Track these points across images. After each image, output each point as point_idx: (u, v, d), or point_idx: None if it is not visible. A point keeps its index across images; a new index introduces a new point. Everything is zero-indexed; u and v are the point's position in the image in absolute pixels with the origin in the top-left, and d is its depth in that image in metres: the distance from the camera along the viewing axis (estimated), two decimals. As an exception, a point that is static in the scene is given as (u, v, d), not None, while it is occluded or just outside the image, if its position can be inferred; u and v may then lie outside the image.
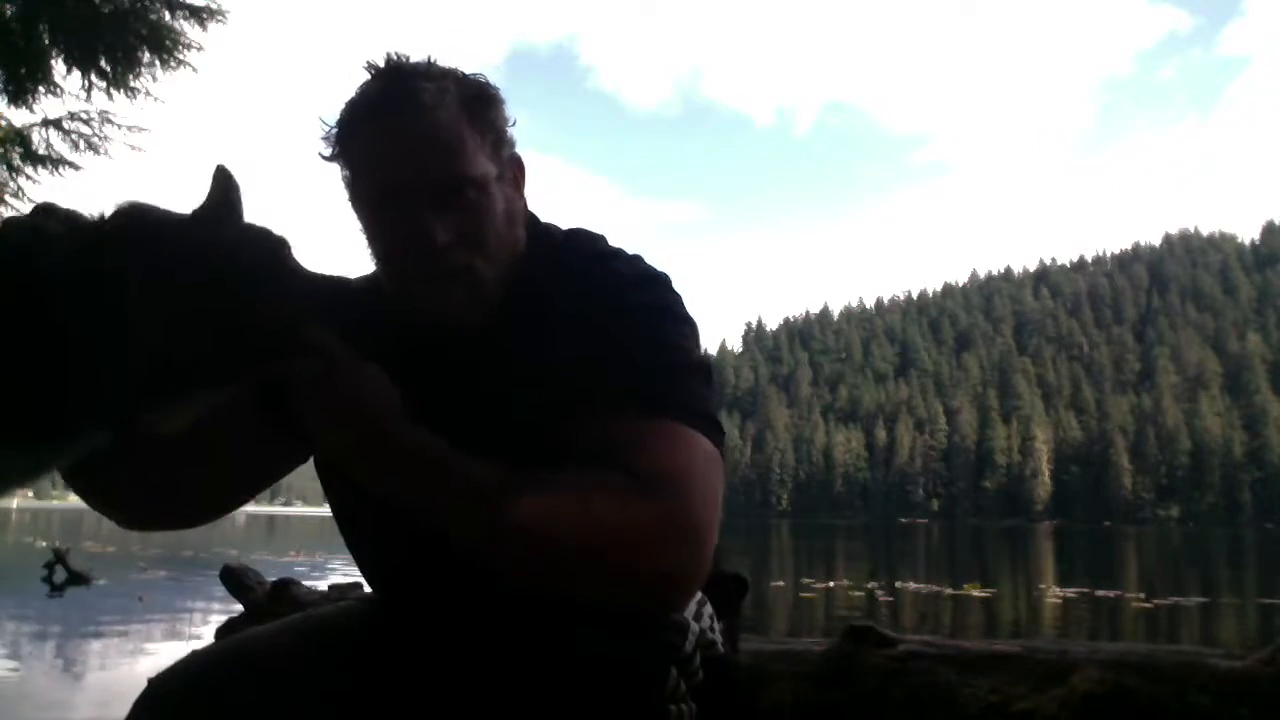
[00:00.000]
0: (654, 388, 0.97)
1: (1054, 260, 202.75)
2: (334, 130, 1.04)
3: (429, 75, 1.01)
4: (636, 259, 1.11)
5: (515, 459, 0.99)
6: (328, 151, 1.04)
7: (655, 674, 0.93)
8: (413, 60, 1.04)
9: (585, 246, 1.12)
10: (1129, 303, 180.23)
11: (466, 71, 1.06)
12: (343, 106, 1.04)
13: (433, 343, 1.07)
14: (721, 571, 1.11)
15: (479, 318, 1.04)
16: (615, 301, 1.03)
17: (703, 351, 1.06)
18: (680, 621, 0.98)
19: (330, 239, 1.11)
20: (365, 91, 1.03)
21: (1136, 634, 9.09)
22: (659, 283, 1.08)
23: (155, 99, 7.46)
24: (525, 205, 1.12)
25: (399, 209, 1.00)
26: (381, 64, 1.03)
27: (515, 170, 1.10)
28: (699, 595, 1.03)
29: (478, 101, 1.04)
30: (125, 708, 1.00)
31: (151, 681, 1.04)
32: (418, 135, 0.99)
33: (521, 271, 1.07)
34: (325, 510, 1.16)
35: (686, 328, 1.06)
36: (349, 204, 1.07)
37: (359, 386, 0.92)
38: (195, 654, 1.09)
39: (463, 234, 1.00)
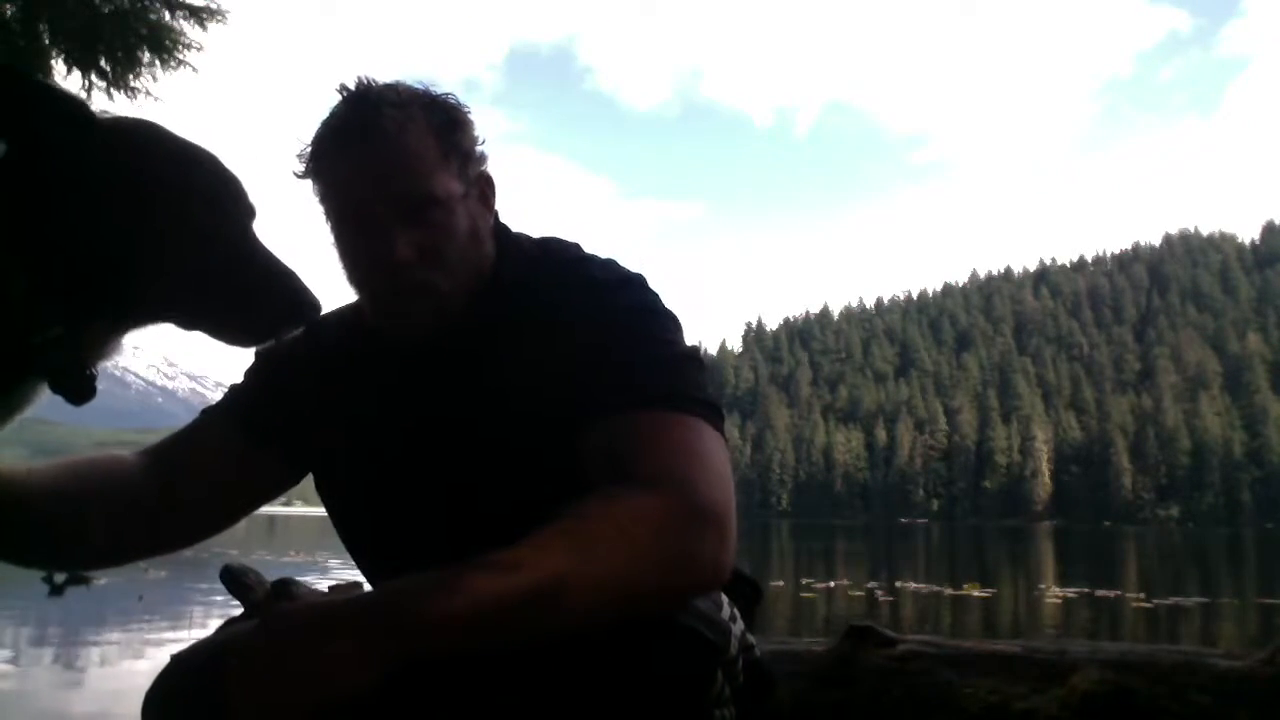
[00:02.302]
0: (645, 382, 0.99)
1: (1054, 260, 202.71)
2: (308, 149, 1.08)
3: (394, 101, 1.04)
4: (610, 262, 1.13)
5: (494, 467, 1.02)
6: (300, 170, 1.08)
7: (701, 677, 0.94)
8: (380, 84, 1.07)
9: (558, 254, 1.15)
10: (1129, 303, 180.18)
11: (438, 91, 1.10)
12: (317, 127, 1.08)
13: (404, 355, 1.10)
14: (738, 573, 1.12)
15: (443, 331, 1.07)
16: (595, 305, 1.05)
17: (689, 342, 1.09)
18: (723, 624, 0.99)
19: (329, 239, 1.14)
20: (334, 116, 1.06)
21: (1136, 634, 9.09)
22: (635, 283, 1.10)
23: (155, 99, 7.48)
24: (495, 221, 1.15)
25: (363, 226, 1.04)
26: (351, 87, 1.07)
27: (484, 188, 1.13)
28: (724, 599, 1.04)
29: (444, 125, 1.07)
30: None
31: (174, 657, 1.05)
32: (381, 159, 1.02)
33: (490, 285, 1.10)
34: (325, 510, 1.18)
35: (669, 321, 1.08)
36: (324, 220, 1.11)
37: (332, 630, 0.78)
38: (218, 632, 1.10)
39: (425, 250, 1.03)
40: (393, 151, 1.02)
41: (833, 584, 13.53)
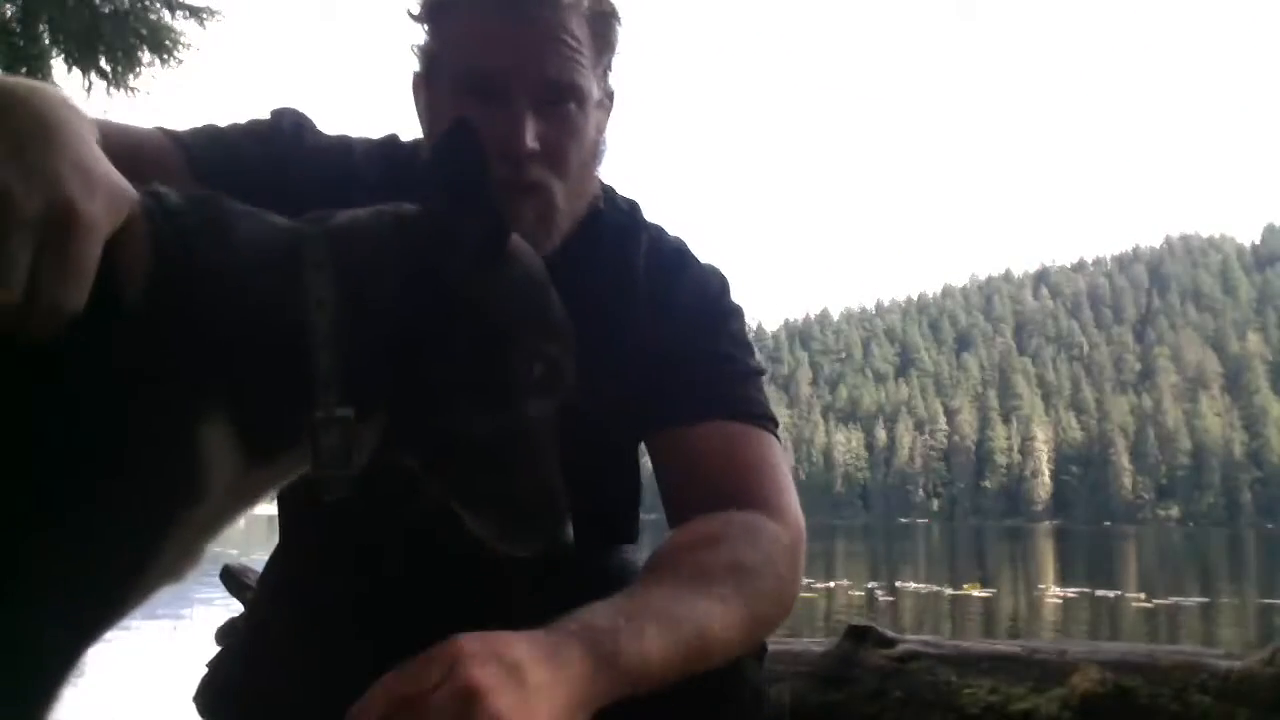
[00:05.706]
0: (749, 398, 1.02)
1: (1054, 261, 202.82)
2: None
3: None
4: (698, 259, 1.11)
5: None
6: (417, 10, 0.94)
7: (761, 660, 1.00)
8: None
9: (659, 234, 1.09)
10: (1129, 303, 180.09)
11: None
12: None
13: None
14: None
15: (542, 248, 0.89)
16: (702, 305, 1.05)
17: None
18: None
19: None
20: None
21: (1136, 634, 9.07)
22: (728, 288, 1.11)
23: (155, 99, 7.48)
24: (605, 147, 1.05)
25: (492, 97, 0.89)
26: None
27: (608, 104, 1.02)
28: None
29: (605, 17, 0.95)
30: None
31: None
32: (541, 27, 0.88)
33: (590, 224, 1.01)
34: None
35: (746, 333, 1.13)
36: (418, 77, 0.97)
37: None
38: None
39: (549, 147, 0.91)
40: (555, 26, 0.88)
41: (833, 584, 13.52)
